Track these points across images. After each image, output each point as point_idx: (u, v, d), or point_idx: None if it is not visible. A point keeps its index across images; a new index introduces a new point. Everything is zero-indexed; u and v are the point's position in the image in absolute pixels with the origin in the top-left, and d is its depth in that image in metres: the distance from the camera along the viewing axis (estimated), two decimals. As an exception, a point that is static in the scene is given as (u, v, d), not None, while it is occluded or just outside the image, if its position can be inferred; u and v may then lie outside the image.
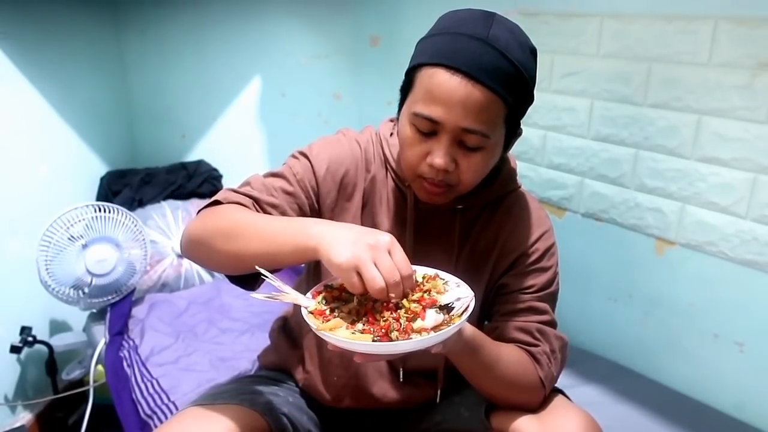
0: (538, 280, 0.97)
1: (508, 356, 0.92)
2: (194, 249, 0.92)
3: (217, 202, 0.93)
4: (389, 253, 0.74)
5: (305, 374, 1.09)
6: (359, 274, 0.72)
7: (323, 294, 0.81)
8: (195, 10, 2.12)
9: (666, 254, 1.46)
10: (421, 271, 0.84)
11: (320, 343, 1.06)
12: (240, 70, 2.19)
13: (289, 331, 1.16)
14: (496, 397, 0.95)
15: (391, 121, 1.05)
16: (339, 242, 0.74)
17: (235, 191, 0.95)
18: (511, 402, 0.94)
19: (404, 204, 0.98)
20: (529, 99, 0.90)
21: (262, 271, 0.79)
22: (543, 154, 1.69)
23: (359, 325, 0.74)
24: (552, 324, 0.98)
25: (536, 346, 0.95)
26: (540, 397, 0.95)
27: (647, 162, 1.45)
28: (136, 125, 2.26)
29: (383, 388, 1.05)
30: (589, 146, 1.57)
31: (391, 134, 1.01)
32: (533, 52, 0.88)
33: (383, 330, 0.72)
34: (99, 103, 2.07)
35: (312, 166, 0.97)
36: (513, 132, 0.91)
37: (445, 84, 0.82)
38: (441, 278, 0.83)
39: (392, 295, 0.73)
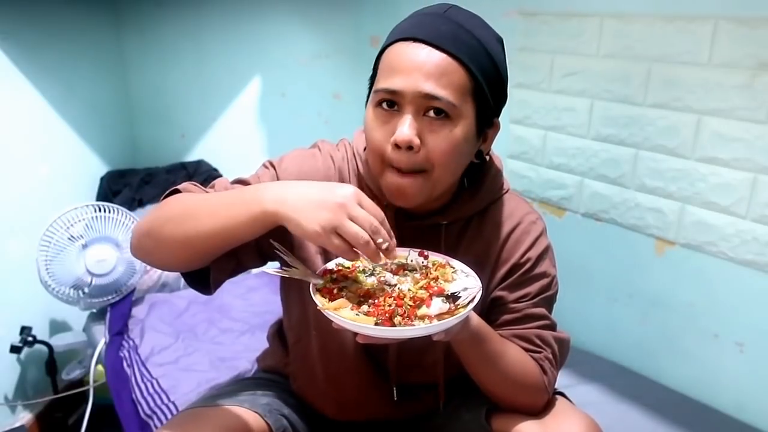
0: (533, 287, 0.95)
1: (513, 353, 0.91)
2: (142, 244, 0.87)
3: (175, 191, 0.89)
4: (359, 203, 0.72)
5: (298, 385, 1.08)
6: (339, 235, 0.71)
7: (333, 273, 0.81)
8: (195, 10, 2.12)
9: (666, 254, 1.46)
10: (432, 257, 0.84)
11: (309, 361, 1.03)
12: (240, 70, 2.19)
13: (283, 337, 1.15)
14: (498, 396, 0.94)
15: (363, 132, 1.00)
16: (306, 208, 0.72)
17: (195, 185, 0.92)
18: (513, 402, 0.93)
19: None
20: (499, 81, 0.86)
21: (276, 244, 0.79)
22: (543, 154, 1.69)
23: (364, 307, 0.74)
24: (550, 327, 0.97)
25: (538, 352, 0.94)
26: (543, 400, 0.94)
27: (647, 162, 1.45)
28: (136, 125, 2.26)
29: (381, 405, 1.03)
30: (589, 146, 1.57)
31: (365, 148, 0.95)
32: (499, 39, 0.87)
33: (387, 314, 0.72)
34: (99, 103, 2.07)
35: (278, 179, 0.92)
36: (485, 118, 0.87)
37: (403, 53, 0.81)
38: (451, 266, 0.83)
39: (380, 240, 0.72)
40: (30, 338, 1.60)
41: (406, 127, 0.80)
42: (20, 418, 1.67)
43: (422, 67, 0.80)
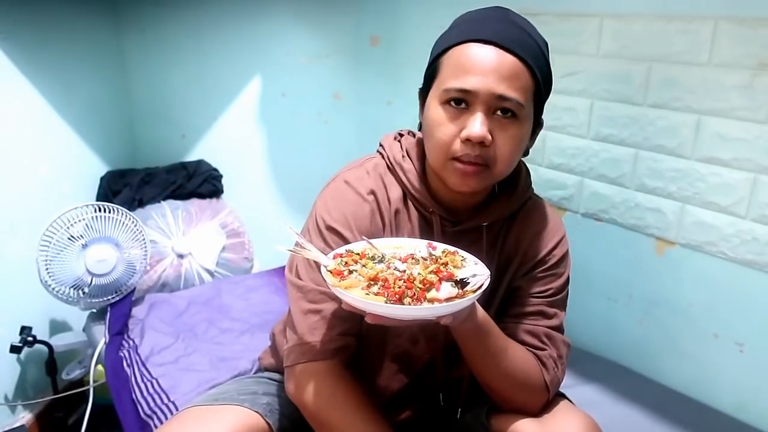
0: (552, 285, 0.97)
1: (516, 351, 0.92)
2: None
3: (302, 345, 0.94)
4: None
5: None
6: None
7: (344, 257, 0.82)
8: (195, 9, 2.12)
9: (666, 254, 1.46)
10: (441, 247, 0.85)
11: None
12: (240, 69, 2.19)
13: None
14: (499, 393, 0.94)
15: (395, 139, 1.01)
16: None
17: (310, 345, 0.93)
18: (513, 400, 0.94)
19: (430, 230, 0.96)
20: (549, 84, 0.91)
21: (289, 225, 0.82)
22: (543, 154, 1.69)
23: (374, 288, 0.75)
24: (560, 329, 0.98)
25: (543, 350, 0.95)
26: (543, 400, 0.94)
27: (647, 162, 1.45)
28: (136, 125, 2.26)
29: (399, 414, 1.04)
30: (589, 146, 1.57)
31: (403, 157, 0.97)
32: (546, 45, 0.90)
33: (397, 295, 0.73)
34: (99, 103, 2.07)
35: (345, 240, 0.92)
36: (537, 119, 0.91)
37: (477, 54, 0.83)
38: (460, 255, 0.84)
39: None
40: (30, 338, 1.59)
41: (479, 124, 0.83)
42: (20, 418, 1.66)
43: (497, 69, 0.83)
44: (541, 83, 0.87)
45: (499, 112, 0.84)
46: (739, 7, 1.24)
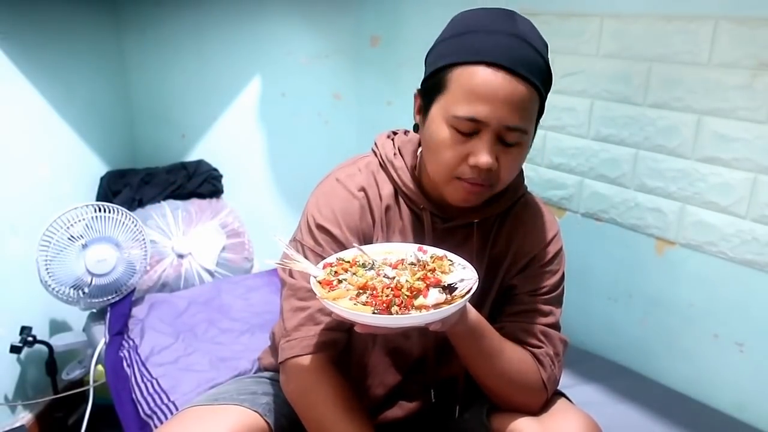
0: (547, 282, 0.97)
1: (512, 351, 0.92)
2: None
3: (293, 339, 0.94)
4: None
5: None
6: None
7: (334, 266, 0.82)
8: (195, 9, 2.12)
9: (666, 254, 1.46)
10: (431, 251, 0.85)
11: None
12: (240, 70, 2.19)
13: None
14: (496, 393, 0.94)
15: (388, 137, 1.02)
16: None
17: (300, 340, 0.93)
18: (512, 400, 0.94)
19: (420, 227, 0.96)
20: (549, 91, 0.91)
21: (278, 237, 0.82)
22: (543, 154, 1.69)
23: (363, 298, 0.75)
24: (556, 326, 0.98)
25: (540, 347, 0.95)
26: (542, 399, 0.94)
27: (647, 162, 1.45)
28: (136, 125, 2.26)
29: (393, 411, 1.05)
30: (589, 146, 1.57)
31: (395, 155, 0.98)
32: (546, 48, 0.89)
33: (384, 304, 0.73)
34: (99, 103, 2.07)
35: (339, 244, 0.93)
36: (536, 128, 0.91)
37: (490, 82, 0.81)
38: (448, 259, 0.84)
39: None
40: (30, 338, 1.59)
41: (488, 154, 0.83)
42: (20, 418, 1.66)
43: (509, 100, 0.81)
44: (545, 97, 0.87)
45: (507, 138, 0.84)
46: (739, 7, 1.24)
